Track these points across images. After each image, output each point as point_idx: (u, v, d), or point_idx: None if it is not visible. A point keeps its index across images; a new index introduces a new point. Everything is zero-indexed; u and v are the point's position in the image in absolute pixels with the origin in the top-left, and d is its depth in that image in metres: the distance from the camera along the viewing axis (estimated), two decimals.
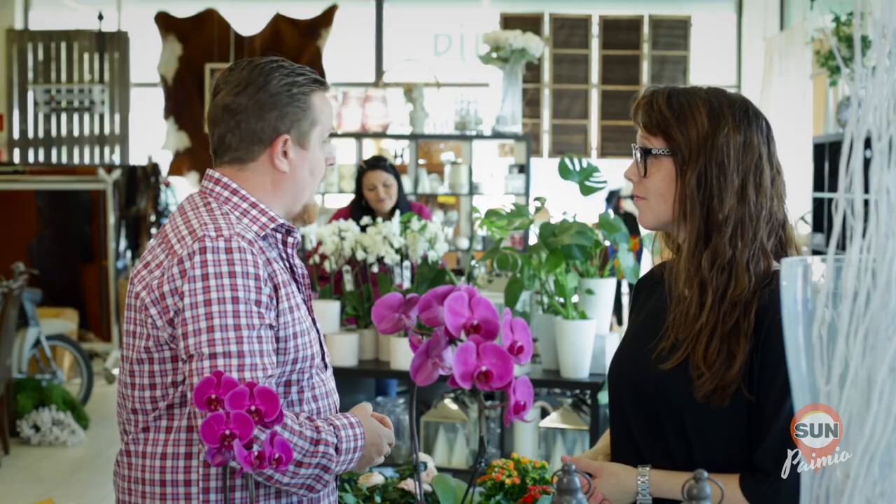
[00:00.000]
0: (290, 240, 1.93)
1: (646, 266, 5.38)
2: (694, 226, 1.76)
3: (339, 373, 2.79)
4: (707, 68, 10.21)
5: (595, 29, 10.10)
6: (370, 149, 7.84)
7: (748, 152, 1.75)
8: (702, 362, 1.72)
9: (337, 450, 1.80)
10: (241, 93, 1.88)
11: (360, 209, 5.22)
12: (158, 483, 1.84)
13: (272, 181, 1.91)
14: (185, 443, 1.84)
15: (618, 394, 1.90)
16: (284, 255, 1.92)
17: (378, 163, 5.29)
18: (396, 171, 5.28)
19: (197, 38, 10.26)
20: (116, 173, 8.76)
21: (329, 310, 3.93)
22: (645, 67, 10.07)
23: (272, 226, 1.88)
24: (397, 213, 4.38)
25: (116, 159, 10.25)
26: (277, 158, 1.89)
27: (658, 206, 1.81)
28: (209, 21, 10.25)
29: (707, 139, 1.75)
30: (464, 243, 7.56)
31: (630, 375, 1.86)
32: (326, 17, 10.26)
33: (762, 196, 1.75)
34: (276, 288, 1.82)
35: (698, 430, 1.76)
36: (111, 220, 8.63)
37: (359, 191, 5.27)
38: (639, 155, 1.81)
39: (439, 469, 2.81)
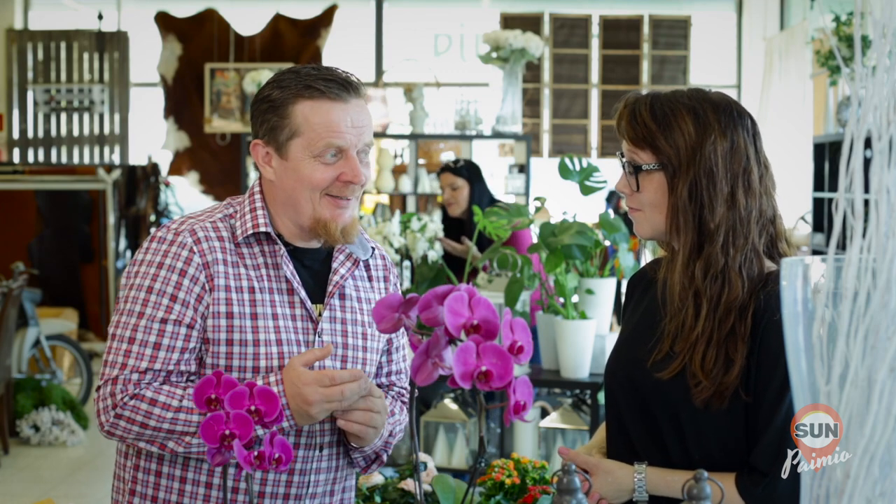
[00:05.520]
0: (280, 250, 1.86)
1: None
2: (687, 238, 1.75)
3: None
4: (707, 68, 10.21)
5: (595, 29, 10.09)
6: None
7: (736, 157, 1.74)
8: (699, 371, 1.72)
9: None
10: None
11: (444, 211, 5.11)
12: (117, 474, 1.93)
13: (268, 188, 1.88)
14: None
15: (613, 392, 1.89)
16: (274, 264, 1.86)
17: (447, 165, 5.07)
18: (470, 174, 5.00)
19: (197, 37, 10.26)
20: (116, 173, 8.76)
21: None
22: (645, 67, 10.07)
23: (250, 232, 1.84)
24: (398, 214, 4.37)
25: (116, 159, 10.25)
26: (261, 165, 1.87)
27: (654, 217, 1.80)
28: (209, 21, 10.25)
29: (695, 149, 1.73)
30: None
31: (626, 376, 1.85)
32: (326, 17, 10.25)
33: (752, 198, 1.74)
34: (214, 290, 1.78)
35: (695, 430, 1.76)
36: (111, 219, 8.63)
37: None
38: (629, 170, 1.80)
39: (439, 469, 2.81)
